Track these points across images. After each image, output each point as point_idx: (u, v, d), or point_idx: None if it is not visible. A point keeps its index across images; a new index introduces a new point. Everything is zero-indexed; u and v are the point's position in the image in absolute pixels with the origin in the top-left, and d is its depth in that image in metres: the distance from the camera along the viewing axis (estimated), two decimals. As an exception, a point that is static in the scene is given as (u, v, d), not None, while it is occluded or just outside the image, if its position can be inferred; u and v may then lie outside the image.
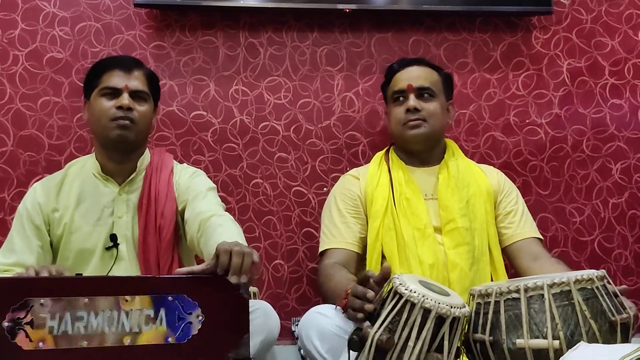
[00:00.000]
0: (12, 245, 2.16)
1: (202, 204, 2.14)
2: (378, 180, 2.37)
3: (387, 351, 1.56)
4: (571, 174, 2.86)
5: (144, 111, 2.19)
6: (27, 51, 2.68)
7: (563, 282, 1.63)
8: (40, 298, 1.48)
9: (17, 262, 2.13)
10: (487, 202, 2.35)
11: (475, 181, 2.37)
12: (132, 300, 1.53)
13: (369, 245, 2.28)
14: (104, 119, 2.15)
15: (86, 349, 1.49)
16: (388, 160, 2.43)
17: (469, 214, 2.29)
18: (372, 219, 2.30)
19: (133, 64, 2.23)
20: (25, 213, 2.19)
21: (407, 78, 2.39)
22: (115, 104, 2.14)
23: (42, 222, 2.18)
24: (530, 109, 2.87)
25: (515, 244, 2.32)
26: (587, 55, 2.91)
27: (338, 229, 2.32)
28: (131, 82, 2.17)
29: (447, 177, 2.35)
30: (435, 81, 2.42)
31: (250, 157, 2.75)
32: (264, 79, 2.78)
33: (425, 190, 2.35)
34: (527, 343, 1.60)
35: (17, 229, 2.19)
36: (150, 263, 2.15)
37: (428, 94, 2.37)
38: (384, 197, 2.32)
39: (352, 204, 2.36)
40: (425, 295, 1.57)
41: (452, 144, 2.50)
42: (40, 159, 2.64)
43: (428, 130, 2.34)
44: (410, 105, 2.33)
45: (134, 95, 2.17)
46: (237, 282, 1.58)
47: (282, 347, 2.62)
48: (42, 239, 2.18)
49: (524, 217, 2.38)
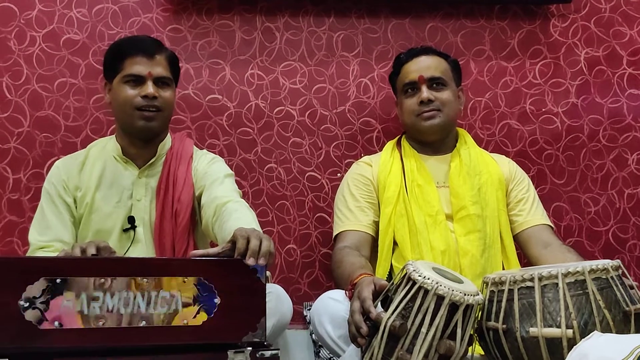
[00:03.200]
0: (46, 222, 2.18)
1: (219, 190, 2.14)
2: (390, 167, 2.37)
3: (399, 337, 1.57)
4: (587, 164, 2.85)
5: (168, 97, 2.19)
6: (44, 32, 2.68)
7: (578, 271, 1.63)
8: (56, 277, 1.49)
9: (55, 238, 2.15)
10: (498, 190, 2.35)
11: (487, 169, 2.37)
12: (149, 281, 1.54)
13: (381, 232, 2.29)
14: (129, 108, 2.15)
15: (101, 329, 1.50)
16: (400, 148, 2.44)
17: (481, 202, 2.30)
18: (385, 206, 2.31)
19: (155, 48, 2.22)
20: (54, 190, 2.21)
21: (417, 69, 2.38)
22: (139, 93, 2.14)
23: (70, 198, 2.20)
24: (547, 97, 2.86)
25: (526, 231, 2.33)
26: (605, 44, 2.89)
27: (352, 213, 2.32)
28: (154, 68, 2.17)
29: (459, 165, 2.36)
30: (445, 69, 2.41)
31: (264, 141, 2.75)
32: (279, 64, 2.78)
33: (437, 177, 2.35)
34: (540, 332, 1.60)
35: (48, 206, 2.20)
36: (165, 247, 2.17)
37: (440, 83, 2.36)
38: (397, 184, 2.32)
39: (365, 189, 2.36)
40: (439, 282, 1.57)
41: (464, 132, 2.50)
42: (56, 140, 2.65)
43: (443, 120, 2.35)
44: (424, 97, 2.32)
45: (158, 82, 2.17)
46: (254, 264, 1.58)
47: (293, 331, 2.62)
48: (72, 215, 2.21)
49: (535, 204, 2.38)
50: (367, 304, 1.65)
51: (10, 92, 2.65)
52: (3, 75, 2.65)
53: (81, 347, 1.51)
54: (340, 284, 2.07)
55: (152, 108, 2.15)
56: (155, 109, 2.16)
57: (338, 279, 2.12)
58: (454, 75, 2.45)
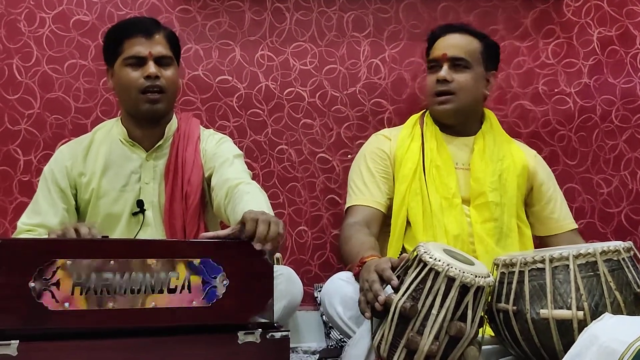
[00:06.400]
0: (38, 206, 2.18)
1: (229, 171, 2.14)
2: (409, 144, 2.33)
3: (410, 319, 1.56)
4: (599, 145, 2.82)
5: (170, 76, 2.18)
6: (53, 14, 2.68)
7: (589, 252, 1.62)
8: (67, 259, 1.49)
9: (41, 224, 2.15)
10: (520, 177, 2.31)
11: (511, 155, 2.34)
12: (158, 263, 1.54)
13: (394, 210, 2.26)
14: (133, 91, 2.14)
15: (111, 310, 1.51)
16: (422, 124, 2.39)
17: (500, 189, 2.26)
18: (400, 183, 2.28)
19: (153, 27, 2.19)
20: (51, 176, 2.20)
21: (443, 46, 2.33)
22: (142, 74, 2.13)
23: (67, 185, 2.20)
24: (560, 77, 2.83)
25: (557, 237, 2.34)
26: (619, 24, 2.85)
27: (366, 187, 2.30)
28: (154, 48, 2.15)
29: (482, 149, 2.31)
30: (473, 50, 2.33)
31: (275, 123, 2.74)
32: (289, 45, 2.77)
33: (457, 158, 2.31)
34: (550, 313, 1.59)
35: (42, 191, 2.20)
36: (176, 229, 2.16)
37: (461, 65, 2.30)
38: (414, 162, 2.28)
39: (382, 163, 2.33)
40: (449, 264, 1.57)
41: (491, 115, 2.44)
42: (66, 122, 2.65)
43: (456, 105, 2.29)
44: (440, 76, 2.29)
45: (159, 61, 2.16)
46: (261, 249, 1.59)
47: (304, 312, 2.64)
48: (68, 202, 2.20)
49: (564, 205, 2.40)
50: (388, 273, 1.65)
51: (20, 74, 2.65)
52: (13, 57, 2.65)
53: (91, 328, 1.53)
54: (348, 261, 2.06)
55: (155, 89, 2.14)
56: (159, 90, 2.14)
57: (346, 254, 2.10)
58: (485, 57, 2.37)
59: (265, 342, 1.59)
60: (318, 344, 2.62)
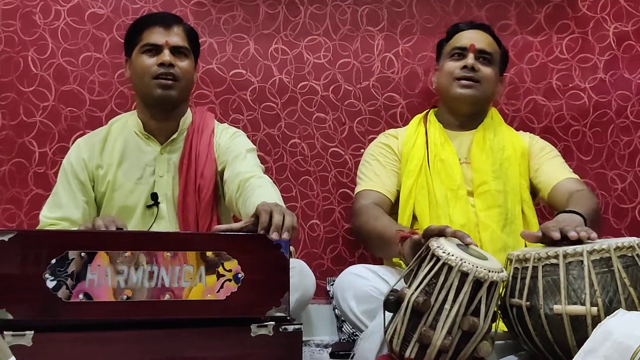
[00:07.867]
0: (59, 199, 2.20)
1: (242, 165, 2.15)
2: (415, 140, 2.38)
3: (423, 313, 1.56)
4: (614, 140, 2.81)
5: (185, 67, 2.20)
6: (69, 6, 2.69)
7: (603, 248, 1.61)
8: (81, 251, 1.50)
9: (64, 217, 2.17)
10: (521, 165, 2.35)
11: (512, 144, 2.37)
12: (173, 256, 1.55)
13: (401, 204, 2.29)
14: (147, 77, 2.16)
15: (126, 302, 1.52)
16: (426, 122, 2.43)
17: (502, 177, 2.29)
18: (406, 178, 2.31)
19: (173, 20, 2.24)
20: (70, 169, 2.22)
21: (471, 37, 2.38)
22: (156, 61, 2.16)
23: (86, 178, 2.22)
24: (574, 73, 2.81)
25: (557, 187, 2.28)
26: (635, 19, 2.83)
27: (377, 175, 2.34)
28: (171, 37, 2.18)
29: (481, 140, 2.35)
30: (495, 51, 2.42)
31: (288, 116, 2.75)
32: (303, 38, 2.77)
33: (460, 154, 2.35)
34: (564, 309, 1.58)
35: (62, 184, 2.22)
36: (189, 222, 2.18)
37: (487, 59, 2.36)
38: (419, 158, 2.33)
39: (390, 158, 2.38)
40: (463, 259, 1.57)
41: (495, 111, 2.49)
42: (81, 115, 2.67)
43: (479, 93, 2.34)
44: (469, 63, 2.32)
45: (175, 51, 2.18)
46: (278, 238, 1.59)
47: (317, 306, 2.64)
48: (87, 195, 2.22)
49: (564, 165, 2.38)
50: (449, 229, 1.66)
51: (35, 66, 2.66)
52: (29, 49, 2.66)
53: (106, 320, 1.53)
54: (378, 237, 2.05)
55: (169, 76, 2.15)
56: (172, 77, 2.16)
57: (374, 231, 2.09)
58: (501, 61, 2.46)
59: (278, 335, 1.59)
60: (330, 338, 2.62)
